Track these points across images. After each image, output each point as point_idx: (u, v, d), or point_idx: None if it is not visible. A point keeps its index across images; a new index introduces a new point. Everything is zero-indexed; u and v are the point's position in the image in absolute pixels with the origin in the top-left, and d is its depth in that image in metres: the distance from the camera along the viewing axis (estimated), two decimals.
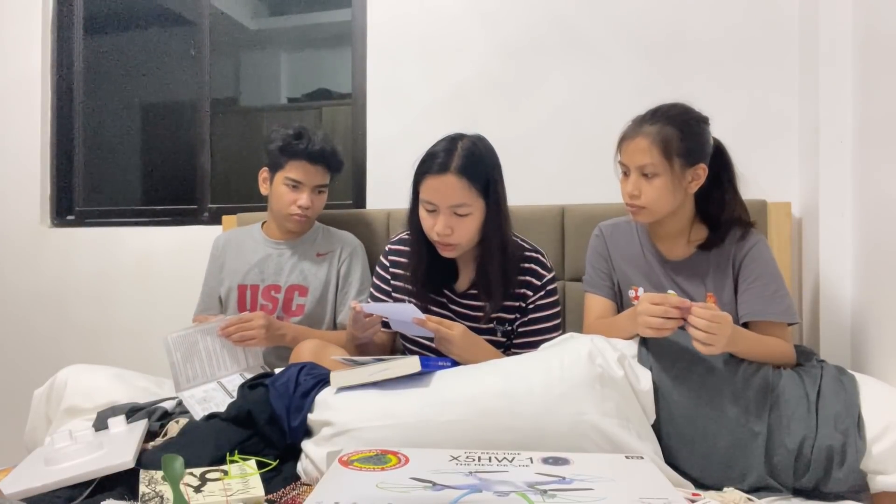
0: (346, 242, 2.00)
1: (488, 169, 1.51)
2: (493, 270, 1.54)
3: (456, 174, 1.46)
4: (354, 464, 1.08)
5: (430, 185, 1.49)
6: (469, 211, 1.49)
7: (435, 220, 1.50)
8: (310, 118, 3.12)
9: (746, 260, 1.49)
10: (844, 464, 1.19)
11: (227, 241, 2.05)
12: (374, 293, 1.74)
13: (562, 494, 0.95)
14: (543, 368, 1.27)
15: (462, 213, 1.49)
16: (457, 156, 1.47)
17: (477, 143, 1.52)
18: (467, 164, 1.47)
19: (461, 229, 1.50)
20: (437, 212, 1.49)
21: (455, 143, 1.50)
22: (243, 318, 1.73)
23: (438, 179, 1.47)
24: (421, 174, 1.51)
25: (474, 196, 1.48)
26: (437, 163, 1.48)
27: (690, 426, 1.28)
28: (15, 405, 2.55)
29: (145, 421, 1.42)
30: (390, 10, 2.37)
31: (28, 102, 2.76)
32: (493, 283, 1.55)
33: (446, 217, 1.49)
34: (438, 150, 1.50)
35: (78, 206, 2.84)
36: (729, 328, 1.25)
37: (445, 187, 1.47)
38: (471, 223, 1.50)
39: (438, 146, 1.52)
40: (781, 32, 2.02)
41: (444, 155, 1.48)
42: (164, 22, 2.92)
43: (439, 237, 1.51)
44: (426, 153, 1.53)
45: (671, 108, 1.48)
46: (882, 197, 1.62)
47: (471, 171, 1.47)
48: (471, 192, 1.48)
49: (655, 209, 1.48)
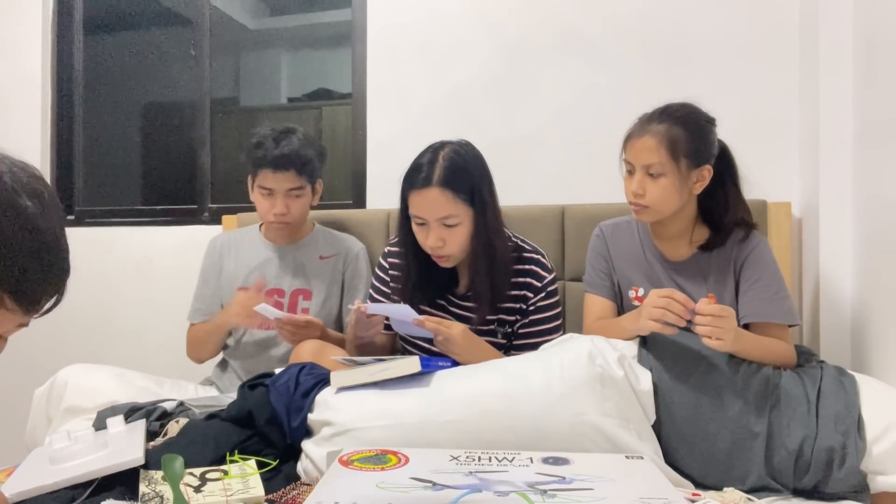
0: (351, 246, 1.97)
1: (472, 177, 1.50)
2: (482, 274, 1.54)
3: (439, 187, 1.46)
4: (354, 464, 1.08)
5: (415, 201, 1.49)
6: (457, 221, 1.49)
7: (426, 234, 1.50)
8: (310, 118, 3.13)
9: (748, 261, 1.49)
10: (845, 464, 1.19)
11: (225, 244, 2.01)
12: (374, 295, 1.74)
13: (562, 494, 0.95)
14: (543, 368, 1.27)
15: (451, 224, 1.49)
16: (438, 167, 1.47)
17: (459, 152, 1.51)
18: (450, 175, 1.47)
19: (452, 240, 1.50)
20: (427, 225, 1.50)
21: (437, 154, 1.50)
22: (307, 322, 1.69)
23: (422, 194, 1.48)
24: (406, 189, 1.51)
25: (460, 205, 1.48)
26: (421, 177, 1.48)
27: (690, 427, 1.28)
28: (15, 405, 2.54)
29: (143, 421, 1.42)
30: (390, 10, 2.37)
31: (28, 102, 2.76)
32: (483, 287, 1.55)
33: (436, 229, 1.49)
34: (422, 162, 1.50)
35: (78, 206, 2.83)
36: (734, 321, 1.25)
37: (430, 202, 1.47)
38: (461, 232, 1.50)
39: (422, 158, 1.51)
40: (782, 32, 2.02)
41: (427, 168, 1.48)
42: (164, 22, 2.92)
43: (432, 250, 1.51)
44: (410, 166, 1.53)
45: (680, 107, 1.47)
46: (882, 197, 1.63)
47: (454, 183, 1.47)
48: (456, 203, 1.48)
49: (659, 209, 1.47)
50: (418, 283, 1.61)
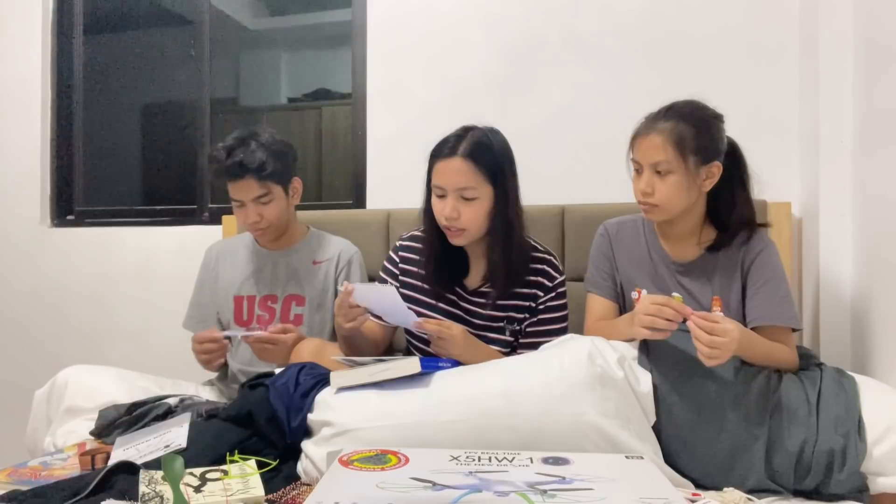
0: (344, 249, 1.96)
1: (497, 157, 1.53)
2: (499, 256, 1.55)
3: (463, 157, 1.49)
4: (354, 464, 1.08)
5: (438, 169, 1.53)
6: (475, 195, 1.50)
7: (444, 205, 1.52)
8: (310, 118, 3.13)
9: (756, 263, 1.48)
10: (845, 466, 1.19)
11: (220, 252, 2.01)
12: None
13: (562, 494, 0.95)
14: (543, 368, 1.27)
15: (468, 197, 1.50)
16: (465, 141, 1.51)
17: (488, 133, 1.55)
18: (475, 149, 1.50)
19: (468, 213, 1.51)
20: (446, 196, 1.52)
21: (466, 132, 1.54)
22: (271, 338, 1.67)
23: (446, 163, 1.51)
24: (433, 159, 1.55)
25: (481, 180, 1.50)
26: (447, 147, 1.52)
27: (691, 429, 1.28)
28: (15, 405, 2.55)
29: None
30: (390, 10, 2.37)
31: (28, 102, 2.76)
32: (498, 270, 1.56)
33: (454, 201, 1.51)
34: (450, 136, 1.55)
35: (78, 206, 2.83)
36: (734, 342, 1.23)
37: (452, 170, 1.50)
38: (478, 207, 1.51)
39: (451, 134, 1.56)
40: (781, 32, 2.02)
41: (454, 140, 1.53)
42: (164, 22, 2.92)
43: (447, 221, 1.52)
44: (440, 140, 1.56)
45: (686, 104, 1.47)
46: (882, 197, 1.62)
47: (478, 156, 1.50)
48: (477, 177, 1.50)
49: (669, 207, 1.46)
50: (436, 267, 1.62)
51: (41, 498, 1.13)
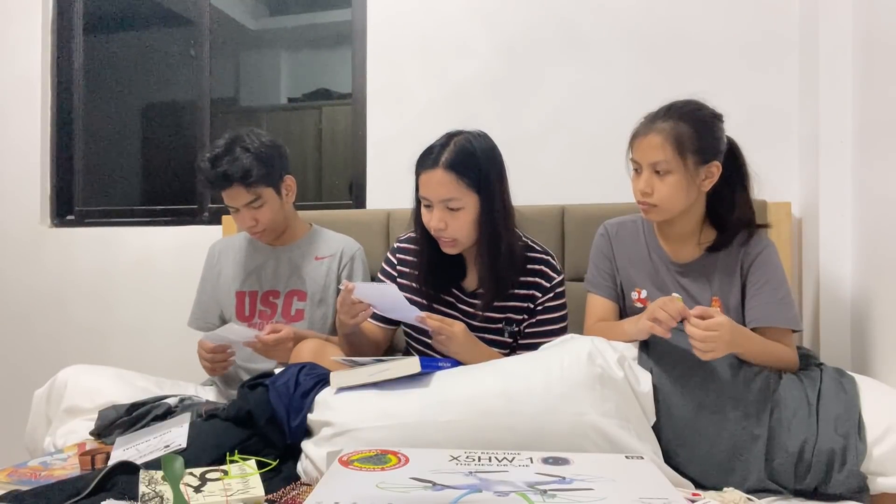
0: (347, 246, 1.96)
1: (480, 164, 1.51)
2: (487, 264, 1.55)
3: (444, 169, 1.48)
4: (354, 464, 1.08)
5: (423, 181, 1.52)
6: (460, 205, 1.49)
7: (431, 216, 1.52)
8: (310, 118, 3.13)
9: (756, 264, 1.48)
10: (845, 466, 1.19)
11: (223, 249, 2.02)
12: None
13: (562, 494, 0.95)
14: (543, 368, 1.27)
15: (453, 208, 1.50)
16: (447, 151, 1.50)
17: (472, 140, 1.53)
18: (456, 159, 1.49)
19: (455, 224, 1.51)
20: (432, 207, 1.51)
21: (450, 140, 1.52)
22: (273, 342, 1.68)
23: (429, 175, 1.50)
24: (417, 170, 1.54)
25: (464, 190, 1.49)
26: (430, 158, 1.51)
27: (691, 429, 1.28)
28: (15, 405, 2.55)
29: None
30: (390, 10, 2.37)
31: (28, 102, 2.76)
32: (487, 278, 1.56)
33: (439, 212, 1.50)
34: (434, 146, 1.53)
35: (78, 206, 2.84)
36: (728, 334, 1.25)
37: (435, 182, 1.49)
38: (464, 217, 1.51)
39: (435, 143, 1.54)
40: (781, 32, 2.02)
41: (437, 150, 1.51)
42: (164, 22, 2.92)
43: (435, 232, 1.52)
44: (424, 150, 1.55)
45: (685, 104, 1.47)
46: (882, 197, 1.62)
47: (460, 166, 1.48)
48: (459, 187, 1.48)
49: (668, 207, 1.46)
50: (429, 272, 1.62)
51: (41, 498, 1.13)
